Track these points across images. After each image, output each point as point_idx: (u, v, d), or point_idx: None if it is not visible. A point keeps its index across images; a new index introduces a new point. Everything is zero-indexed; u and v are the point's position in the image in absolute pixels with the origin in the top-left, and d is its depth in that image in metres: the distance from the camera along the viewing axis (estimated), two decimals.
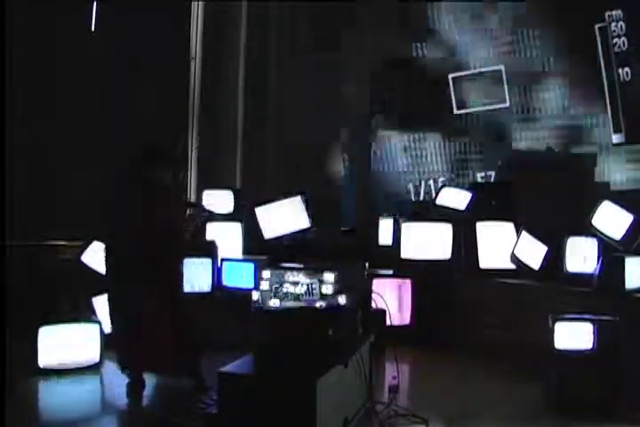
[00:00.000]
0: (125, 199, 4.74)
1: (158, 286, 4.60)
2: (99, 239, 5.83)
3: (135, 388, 4.63)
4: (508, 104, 8.37)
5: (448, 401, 4.72)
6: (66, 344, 5.23)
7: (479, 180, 8.56)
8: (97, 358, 5.22)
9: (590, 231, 5.68)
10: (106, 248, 4.79)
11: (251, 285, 6.08)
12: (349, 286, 4.00)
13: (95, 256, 6.11)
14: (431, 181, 8.94)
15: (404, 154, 9.12)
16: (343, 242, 7.09)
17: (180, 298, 4.87)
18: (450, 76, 8.69)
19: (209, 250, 6.31)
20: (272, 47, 9.11)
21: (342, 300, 3.83)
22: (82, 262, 6.16)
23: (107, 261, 4.72)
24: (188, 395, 4.53)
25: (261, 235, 6.75)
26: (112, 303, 4.77)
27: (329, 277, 3.90)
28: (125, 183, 4.86)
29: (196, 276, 6.18)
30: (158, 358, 4.64)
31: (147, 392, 4.70)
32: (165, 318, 4.64)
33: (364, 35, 8.81)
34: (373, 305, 4.64)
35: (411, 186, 9.11)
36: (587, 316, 4.58)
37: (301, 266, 4.08)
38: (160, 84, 8.07)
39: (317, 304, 3.85)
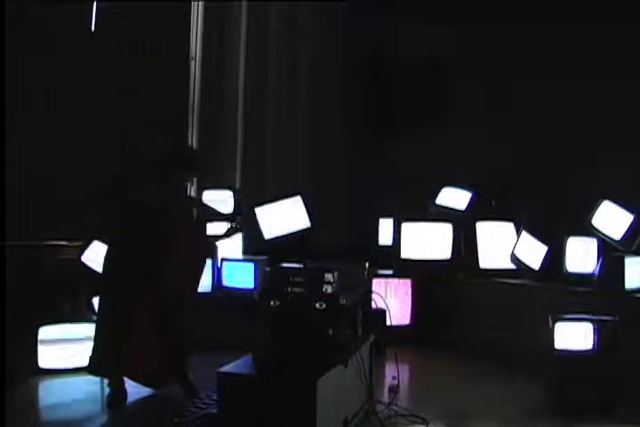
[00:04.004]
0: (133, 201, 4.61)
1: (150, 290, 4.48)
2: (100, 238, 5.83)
3: (116, 399, 4.54)
4: None
5: (448, 401, 4.73)
6: (66, 344, 5.23)
7: None
8: None
9: (590, 231, 5.68)
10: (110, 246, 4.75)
11: (251, 285, 6.09)
12: (349, 286, 4.00)
13: (95, 256, 6.12)
14: None
15: None
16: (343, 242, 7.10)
17: (173, 301, 4.63)
18: None
19: (209, 250, 6.31)
20: (272, 47, 9.10)
21: (342, 300, 3.83)
22: (82, 262, 6.16)
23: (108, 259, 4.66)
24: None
25: (261, 235, 6.75)
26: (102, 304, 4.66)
27: (329, 277, 3.89)
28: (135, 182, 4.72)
29: None
30: (143, 367, 4.52)
31: (145, 393, 4.70)
32: (152, 323, 4.51)
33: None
34: (373, 305, 4.63)
35: None
36: (587, 316, 4.58)
37: (301, 266, 4.08)
38: (160, 84, 8.06)
39: (317, 304, 3.85)
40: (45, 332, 5.20)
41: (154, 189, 4.62)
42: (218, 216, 5.17)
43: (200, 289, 6.12)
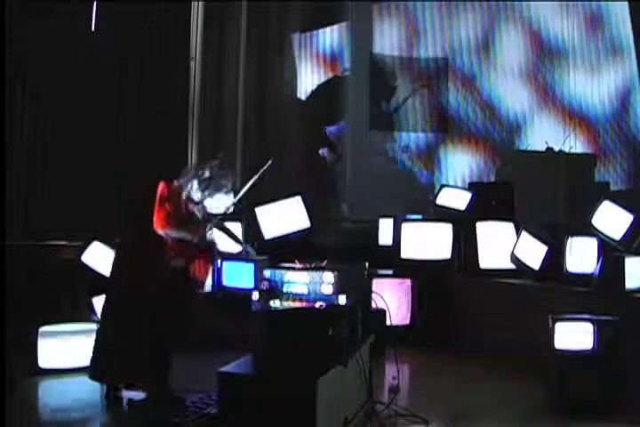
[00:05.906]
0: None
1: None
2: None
3: (115, 399, 4.55)
4: None
5: (448, 401, 4.72)
6: (66, 344, 5.23)
7: None
8: None
9: (590, 231, 5.68)
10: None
11: (251, 285, 6.08)
12: (349, 286, 4.00)
13: (95, 256, 6.12)
14: None
15: None
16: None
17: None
18: None
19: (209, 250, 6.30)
20: (272, 47, 9.11)
21: (342, 300, 3.83)
22: (82, 262, 6.15)
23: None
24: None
25: (261, 235, 6.74)
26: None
27: (329, 277, 3.89)
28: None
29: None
30: (131, 372, 4.48)
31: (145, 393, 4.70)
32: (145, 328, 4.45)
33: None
34: (373, 305, 4.63)
35: None
36: (587, 316, 4.58)
37: (301, 266, 4.08)
38: (159, 85, 8.07)
39: (317, 304, 3.85)
40: (45, 332, 5.20)
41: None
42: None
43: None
